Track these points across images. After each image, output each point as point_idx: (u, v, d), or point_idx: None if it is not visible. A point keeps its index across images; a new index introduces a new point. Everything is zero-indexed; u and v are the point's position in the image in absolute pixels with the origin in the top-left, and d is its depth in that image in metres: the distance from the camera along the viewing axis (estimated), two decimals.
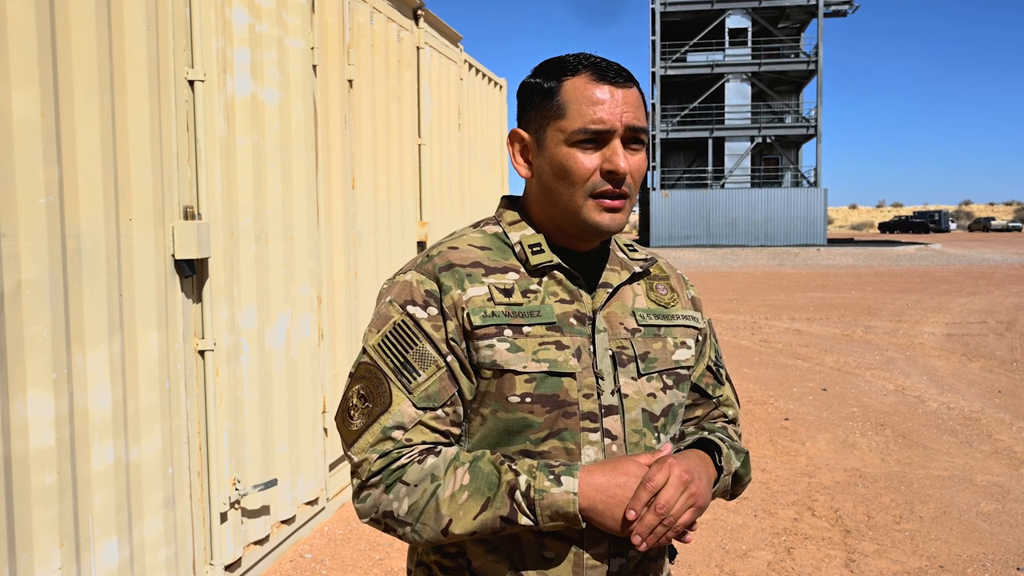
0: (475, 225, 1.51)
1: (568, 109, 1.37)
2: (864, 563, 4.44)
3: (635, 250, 1.57)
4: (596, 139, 1.36)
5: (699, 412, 1.61)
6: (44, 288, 2.69)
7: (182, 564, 3.50)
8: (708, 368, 1.61)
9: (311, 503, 4.81)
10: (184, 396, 3.51)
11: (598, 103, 1.36)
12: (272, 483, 4.15)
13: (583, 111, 1.36)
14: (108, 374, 3.00)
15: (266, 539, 4.27)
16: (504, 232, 1.47)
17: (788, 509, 5.26)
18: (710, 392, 1.61)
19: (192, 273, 3.53)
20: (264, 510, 4.20)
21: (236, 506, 3.94)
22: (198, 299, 3.63)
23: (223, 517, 3.82)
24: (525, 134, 1.45)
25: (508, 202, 1.53)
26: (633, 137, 1.38)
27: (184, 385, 3.51)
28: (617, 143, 1.36)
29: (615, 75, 1.38)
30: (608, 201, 1.37)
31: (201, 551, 3.67)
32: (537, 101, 1.42)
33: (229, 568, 3.89)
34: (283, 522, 4.47)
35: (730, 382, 1.68)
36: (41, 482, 2.68)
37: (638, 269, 1.51)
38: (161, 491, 3.34)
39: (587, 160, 1.36)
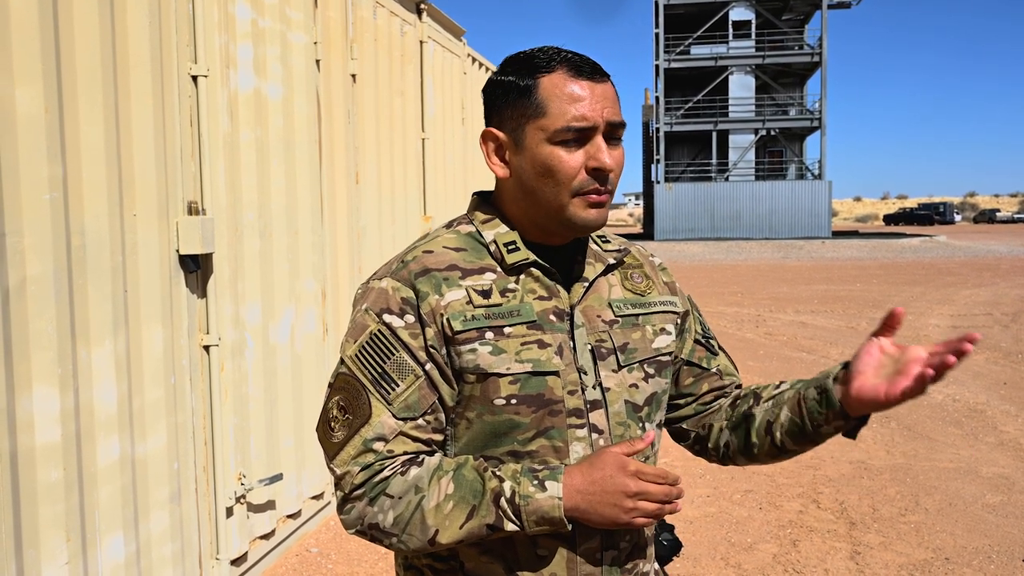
0: (448, 225, 1.49)
1: (548, 107, 1.34)
2: (869, 555, 4.44)
3: (608, 241, 1.55)
4: (579, 137, 1.34)
5: (706, 385, 1.61)
6: (49, 284, 2.69)
7: (188, 559, 3.51)
8: (697, 342, 1.61)
9: (316, 497, 4.82)
10: (189, 391, 3.52)
11: (579, 100, 1.34)
12: (277, 478, 4.16)
13: (565, 109, 1.34)
14: (113, 370, 3.01)
15: (272, 533, 4.29)
16: (478, 231, 1.45)
17: (793, 502, 5.26)
18: (706, 364, 1.61)
19: (196, 268, 3.53)
20: (270, 504, 4.22)
21: (242, 501, 3.95)
22: (203, 294, 3.64)
23: (229, 512, 3.83)
24: (500, 133, 1.42)
25: (480, 198, 1.50)
26: (612, 132, 1.37)
27: (189, 380, 3.52)
28: (600, 139, 1.35)
29: (591, 71, 1.36)
30: (594, 197, 1.36)
31: (207, 545, 3.69)
32: (513, 99, 1.39)
33: (235, 562, 3.90)
34: (289, 516, 4.49)
35: (724, 351, 1.67)
36: (47, 478, 2.68)
37: (612, 260, 1.50)
38: (167, 486, 3.35)
39: (571, 159, 1.34)
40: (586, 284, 1.45)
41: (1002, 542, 4.59)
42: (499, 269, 1.41)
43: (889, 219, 71.08)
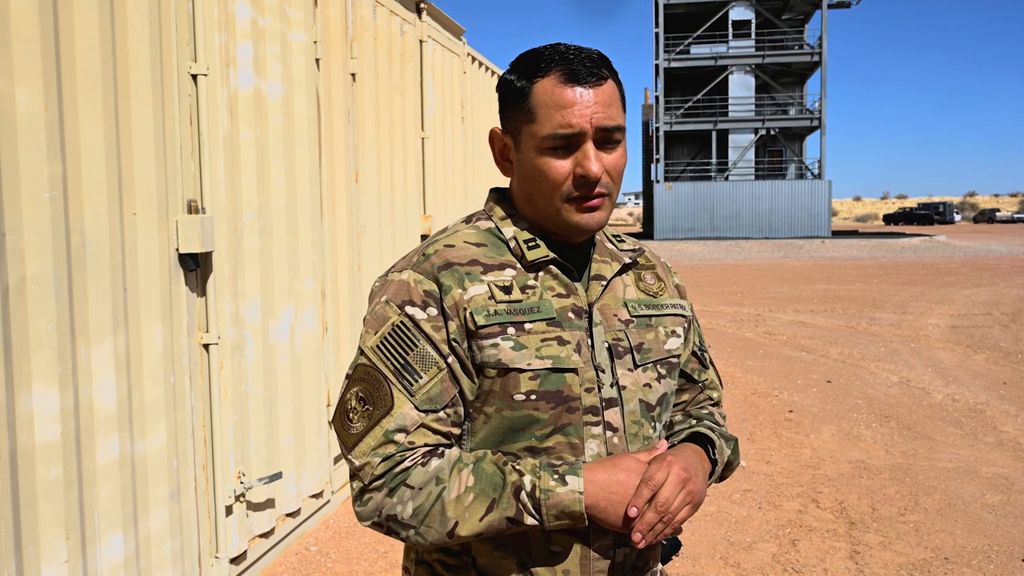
0: (467, 220, 1.50)
1: (538, 113, 1.35)
2: (869, 555, 4.44)
3: (622, 240, 1.56)
4: (568, 143, 1.34)
5: (686, 397, 1.63)
6: (49, 283, 2.69)
7: (187, 557, 3.51)
8: (693, 353, 1.62)
9: (316, 496, 4.82)
10: (189, 390, 3.52)
11: (566, 107, 1.33)
12: (277, 476, 4.16)
13: (552, 116, 1.33)
14: (113, 368, 3.01)
15: (271, 532, 4.29)
16: (497, 227, 1.46)
17: (793, 501, 5.26)
18: (696, 377, 1.63)
19: (196, 267, 3.53)
20: (269, 503, 4.22)
21: (241, 499, 3.95)
22: (202, 293, 3.64)
23: (228, 510, 3.83)
24: (504, 135, 1.44)
25: (497, 195, 1.51)
26: (606, 137, 1.35)
27: (189, 379, 3.52)
28: (588, 146, 1.34)
29: (586, 74, 1.34)
30: (586, 202, 1.36)
31: (206, 544, 3.69)
32: (512, 102, 1.40)
33: (234, 561, 3.90)
34: (288, 515, 4.49)
35: (713, 365, 1.68)
36: (47, 476, 2.69)
37: (628, 260, 1.52)
38: (166, 485, 3.35)
39: (560, 165, 1.34)
40: (603, 283, 1.45)
41: (1001, 542, 4.59)
42: (519, 265, 1.41)
43: (889, 219, 71.06)
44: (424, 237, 6.71)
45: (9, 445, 2.54)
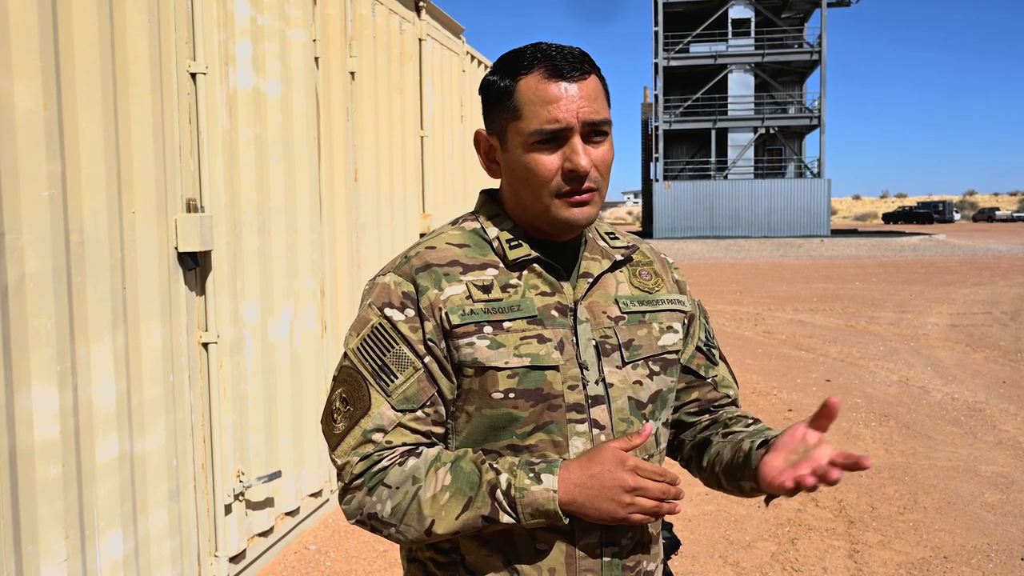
0: (454, 222, 1.50)
1: (523, 111, 1.35)
2: (868, 554, 4.44)
3: (616, 238, 1.55)
4: (555, 138, 1.34)
5: (696, 395, 1.61)
6: (48, 281, 2.69)
7: (187, 556, 3.51)
8: (698, 349, 1.60)
9: (315, 495, 4.82)
10: (188, 389, 3.52)
11: (552, 102, 1.33)
12: (276, 475, 4.16)
13: (537, 112, 1.34)
14: (112, 367, 3.01)
15: (270, 531, 4.29)
16: (482, 227, 1.46)
17: (792, 500, 5.26)
18: (702, 373, 1.60)
19: (195, 266, 3.53)
20: (268, 502, 4.22)
21: (240, 498, 3.95)
22: (201, 292, 3.64)
23: (227, 509, 3.83)
24: (489, 135, 1.44)
25: (487, 196, 1.52)
26: (593, 130, 1.35)
27: (188, 378, 3.52)
28: (576, 140, 1.34)
29: (570, 69, 1.34)
30: (575, 196, 1.36)
31: (205, 543, 3.69)
32: (496, 101, 1.40)
33: (233, 560, 3.90)
34: (287, 514, 4.49)
35: (725, 362, 1.66)
36: (46, 475, 2.68)
37: (619, 257, 1.50)
38: (166, 483, 3.35)
39: (548, 161, 1.35)
40: (590, 280, 1.45)
41: (1001, 541, 4.60)
42: (502, 265, 1.42)
43: (888, 217, 71.03)
44: (423, 235, 6.71)
45: (8, 444, 2.54)
